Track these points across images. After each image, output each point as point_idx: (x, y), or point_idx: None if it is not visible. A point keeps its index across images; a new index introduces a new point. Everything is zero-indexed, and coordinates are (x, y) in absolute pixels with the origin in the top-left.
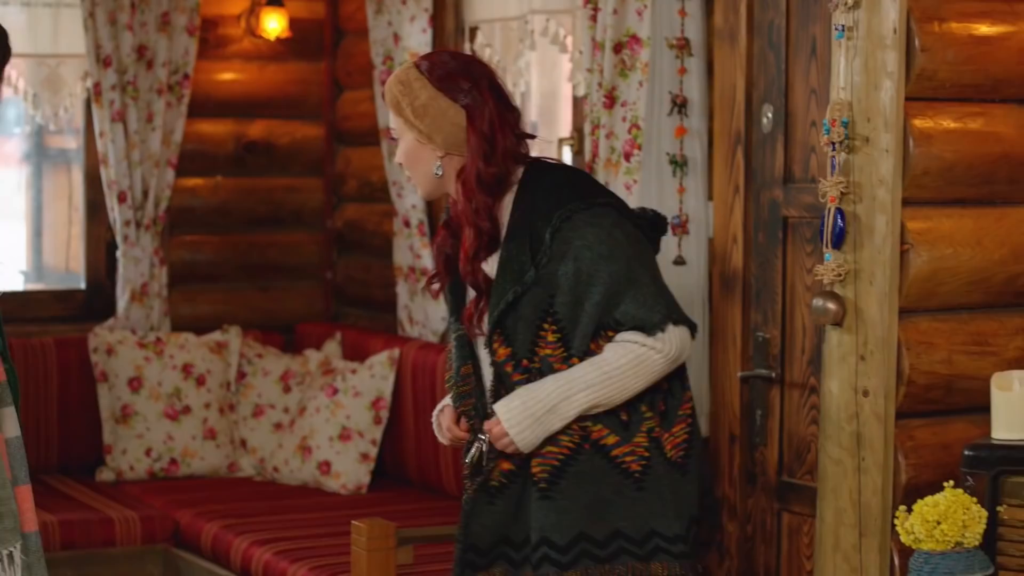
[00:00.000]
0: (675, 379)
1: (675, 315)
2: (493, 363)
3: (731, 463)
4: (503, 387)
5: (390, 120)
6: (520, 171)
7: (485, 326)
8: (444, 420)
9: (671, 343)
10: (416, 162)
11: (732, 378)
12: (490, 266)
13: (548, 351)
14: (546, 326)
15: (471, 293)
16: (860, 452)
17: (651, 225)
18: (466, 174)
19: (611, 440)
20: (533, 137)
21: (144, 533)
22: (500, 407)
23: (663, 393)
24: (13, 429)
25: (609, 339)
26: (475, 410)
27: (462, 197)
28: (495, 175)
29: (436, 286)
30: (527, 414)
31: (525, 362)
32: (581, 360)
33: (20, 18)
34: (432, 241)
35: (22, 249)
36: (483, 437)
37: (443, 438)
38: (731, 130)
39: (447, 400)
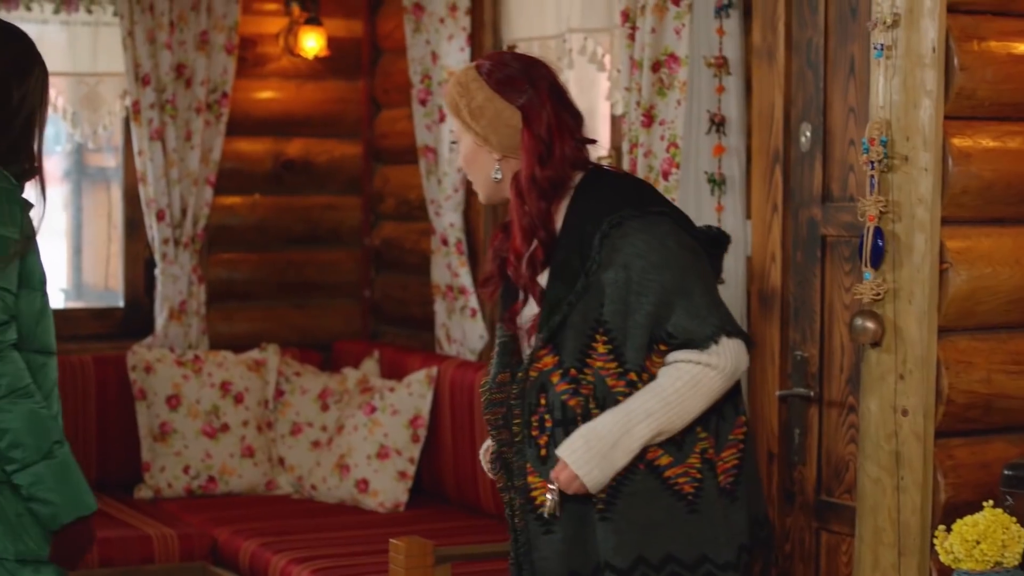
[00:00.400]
0: (728, 401)
1: (729, 327)
2: (539, 373)
3: (769, 482)
4: (545, 395)
5: (451, 122)
6: (579, 177)
7: (535, 337)
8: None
9: (726, 357)
10: (475, 165)
11: (770, 397)
12: (543, 273)
13: (600, 363)
14: (597, 337)
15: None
16: (899, 471)
17: (713, 242)
18: (520, 177)
19: (664, 460)
20: (594, 142)
21: (182, 550)
22: (563, 451)
23: (716, 414)
24: None
25: (662, 353)
26: (504, 420)
27: (515, 201)
28: (550, 179)
29: (489, 289)
30: (591, 453)
31: (573, 371)
32: (637, 375)
33: (60, 36)
34: (490, 243)
35: (63, 267)
36: (553, 487)
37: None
38: (769, 148)
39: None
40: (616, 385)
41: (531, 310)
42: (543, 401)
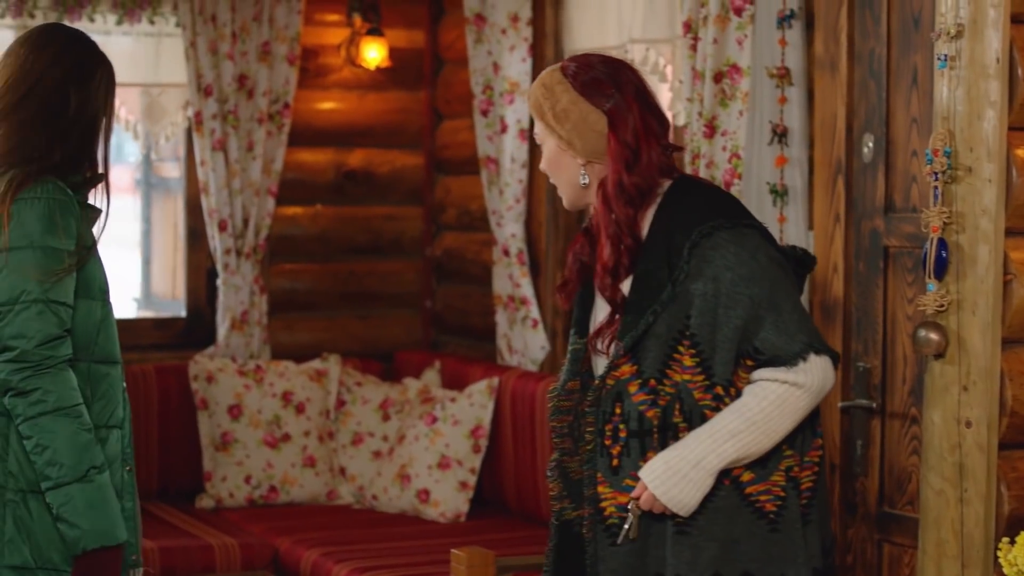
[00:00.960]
0: (809, 421)
1: (817, 344)
2: (616, 381)
3: (831, 493)
4: (620, 405)
5: (534, 125)
6: (666, 184)
7: (615, 344)
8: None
9: (813, 375)
10: (559, 169)
11: (833, 408)
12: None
13: (686, 376)
14: (681, 348)
15: (598, 306)
16: (962, 483)
17: (799, 263)
18: (606, 183)
19: (747, 477)
20: (681, 149)
21: (243, 560)
22: (645, 473)
23: (801, 433)
24: None
25: (748, 369)
26: (569, 428)
27: (601, 208)
28: (637, 186)
29: (565, 293)
30: (671, 472)
31: (652, 382)
32: (724, 389)
33: (122, 47)
34: (569, 247)
35: (136, 276)
36: (632, 511)
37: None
38: (832, 159)
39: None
40: (703, 398)
41: (602, 315)
42: (618, 410)
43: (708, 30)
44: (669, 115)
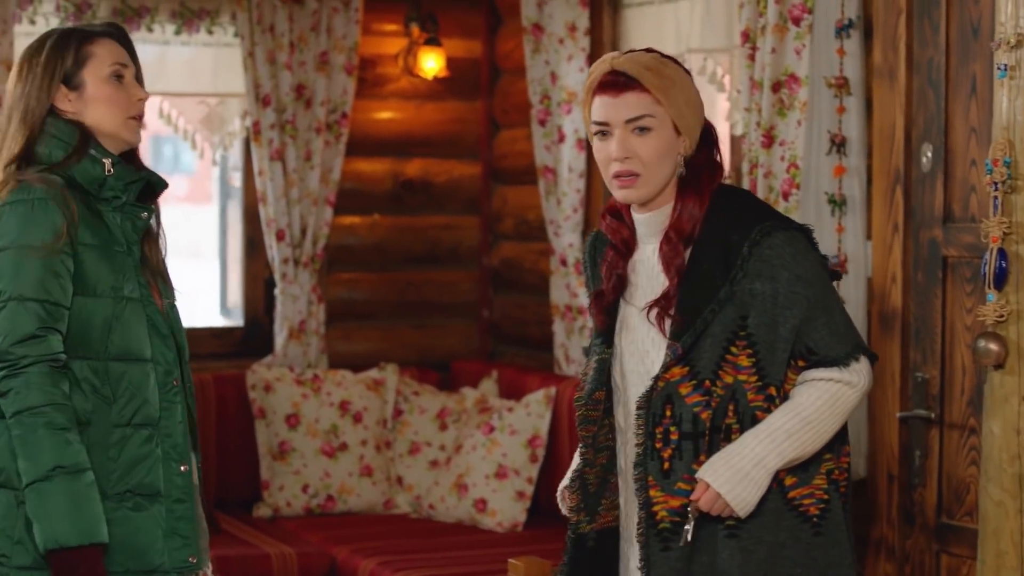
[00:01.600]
0: (843, 428)
1: (863, 345)
2: (666, 383)
3: (889, 503)
4: (671, 407)
5: (631, 111)
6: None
7: (670, 346)
8: (567, 499)
9: (863, 375)
10: (665, 157)
11: (891, 418)
12: (636, 273)
13: (742, 377)
14: (735, 349)
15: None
16: (1022, 494)
17: (830, 272)
18: (704, 176)
19: (790, 480)
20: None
21: (301, 569)
22: (705, 473)
23: (839, 438)
24: (194, 476)
25: (798, 370)
26: (592, 439)
27: (690, 198)
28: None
29: (603, 306)
30: (733, 471)
31: (707, 383)
32: (777, 390)
33: (181, 57)
34: (603, 261)
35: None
36: (691, 513)
37: (565, 512)
38: (890, 169)
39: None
40: (755, 399)
41: (635, 320)
42: (668, 412)
43: (766, 39)
44: (727, 125)
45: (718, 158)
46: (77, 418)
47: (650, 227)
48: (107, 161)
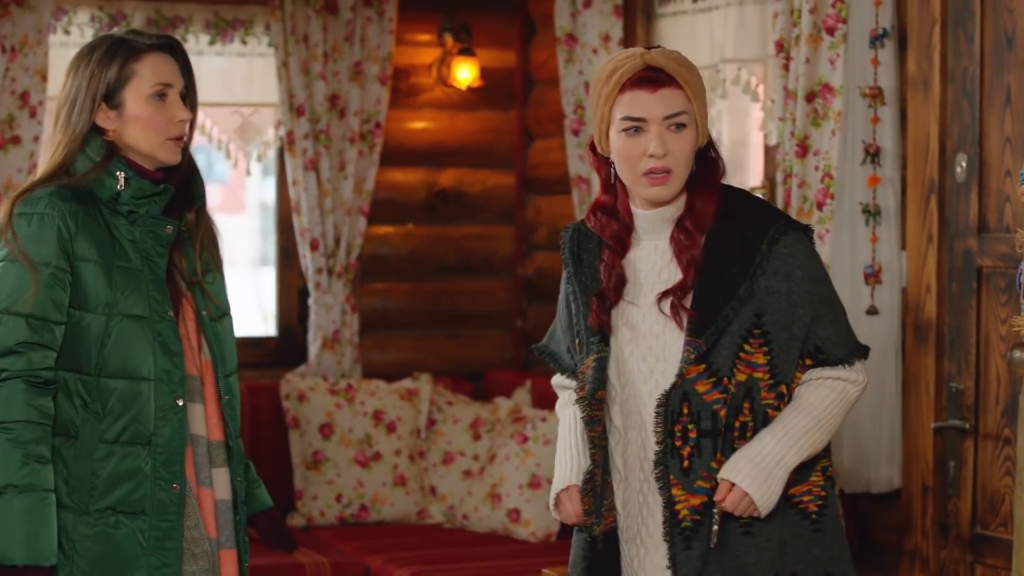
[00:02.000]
0: None
1: (861, 343)
2: (682, 380)
3: (924, 514)
4: (688, 403)
5: (669, 108)
6: None
7: (692, 342)
8: (573, 503)
9: (864, 373)
10: (691, 155)
11: (925, 428)
12: (635, 271)
13: (757, 374)
14: (748, 347)
15: (634, 314)
16: None
17: None
18: (715, 175)
19: (790, 478)
20: None
21: None
22: (729, 473)
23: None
24: (223, 491)
25: (804, 368)
26: (598, 439)
27: (704, 199)
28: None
29: (605, 307)
30: (758, 471)
31: (725, 380)
32: (787, 387)
33: (215, 67)
34: (601, 262)
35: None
36: (716, 513)
37: (566, 518)
38: (925, 179)
39: (570, 478)
40: (767, 397)
41: (637, 318)
42: (686, 410)
43: (800, 49)
44: (761, 135)
45: (721, 154)
46: (67, 430)
47: (655, 223)
48: (120, 175)
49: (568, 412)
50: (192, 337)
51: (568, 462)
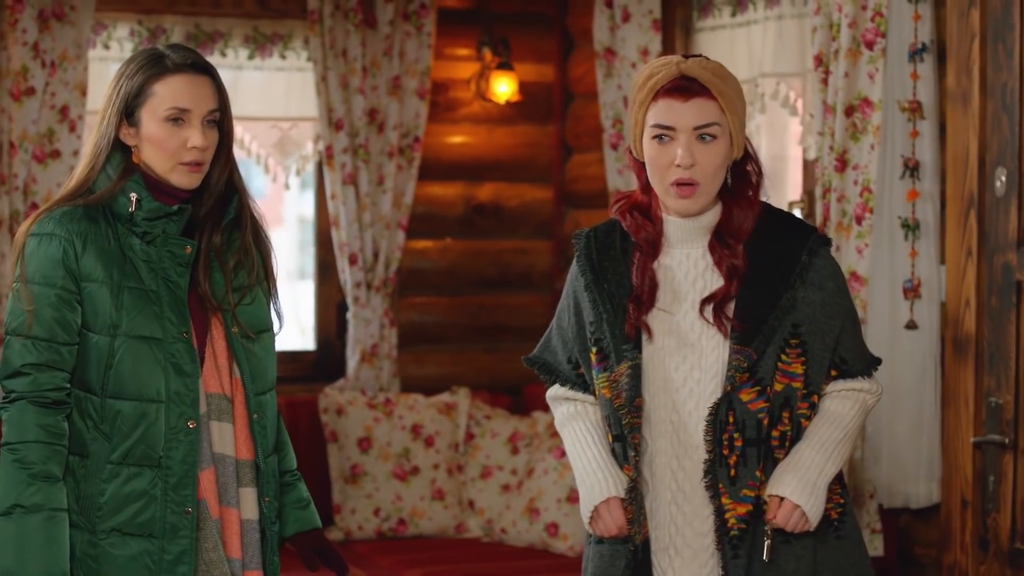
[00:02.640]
0: None
1: (874, 355)
2: (731, 391)
3: (963, 529)
4: (732, 412)
5: (700, 118)
6: None
7: (741, 350)
8: (614, 515)
9: (878, 383)
10: (721, 168)
11: (964, 443)
12: (667, 278)
13: (795, 384)
14: (786, 356)
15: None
16: None
17: None
18: (753, 185)
19: None
20: None
21: None
22: (778, 488)
23: None
24: (250, 511)
25: (830, 379)
26: (640, 446)
27: (733, 211)
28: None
29: (641, 312)
30: (806, 485)
31: (769, 389)
32: (818, 397)
33: (254, 82)
34: (633, 266)
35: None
36: (767, 528)
37: (605, 531)
38: (964, 193)
39: (606, 490)
40: (801, 407)
41: (661, 325)
42: (731, 419)
43: (839, 64)
44: (800, 149)
45: (761, 167)
46: (80, 449)
47: (688, 232)
48: (133, 196)
49: (578, 425)
50: (221, 356)
51: (597, 474)
